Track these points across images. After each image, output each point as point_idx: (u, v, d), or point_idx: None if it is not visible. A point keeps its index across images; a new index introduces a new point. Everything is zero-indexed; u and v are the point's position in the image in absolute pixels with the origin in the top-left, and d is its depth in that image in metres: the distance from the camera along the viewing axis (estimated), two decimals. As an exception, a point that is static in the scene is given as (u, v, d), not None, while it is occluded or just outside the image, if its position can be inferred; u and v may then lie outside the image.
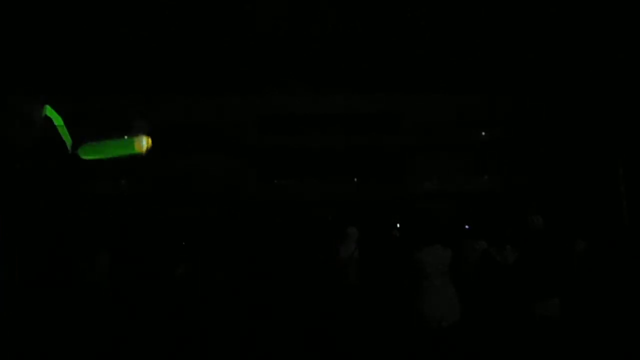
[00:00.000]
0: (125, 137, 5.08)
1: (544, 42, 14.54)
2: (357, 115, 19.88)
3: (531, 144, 19.02)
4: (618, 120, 16.29)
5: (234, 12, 13.12)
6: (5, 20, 12.39)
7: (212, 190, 18.97)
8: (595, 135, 17.05)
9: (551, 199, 16.88)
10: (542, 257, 4.03)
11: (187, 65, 15.92)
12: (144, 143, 5.02)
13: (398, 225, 12.91)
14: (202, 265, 6.64)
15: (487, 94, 18.45)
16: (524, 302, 3.92)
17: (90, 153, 5.02)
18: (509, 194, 18.62)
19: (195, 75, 16.71)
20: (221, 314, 5.98)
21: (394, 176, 20.03)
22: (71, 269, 6.03)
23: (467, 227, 12.06)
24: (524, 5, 12.93)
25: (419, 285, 3.89)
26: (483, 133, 20.29)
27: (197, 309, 6.04)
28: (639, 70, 14.92)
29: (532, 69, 16.31)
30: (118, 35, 13.80)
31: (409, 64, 16.18)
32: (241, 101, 19.13)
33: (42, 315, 5.46)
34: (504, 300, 4.11)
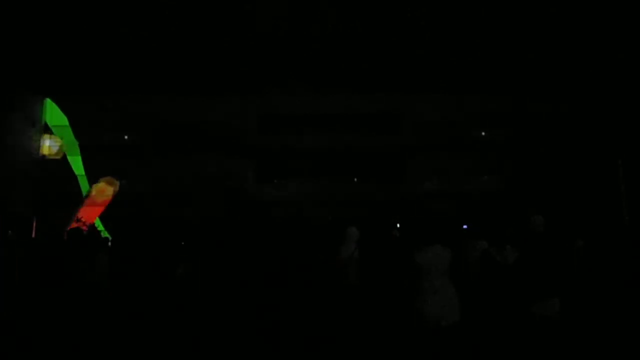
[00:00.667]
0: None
1: (544, 42, 14.51)
2: (357, 115, 19.87)
3: (531, 143, 19.02)
4: (618, 120, 16.29)
5: (234, 12, 13.09)
6: (5, 20, 12.40)
7: (212, 190, 18.97)
8: (595, 135, 17.04)
9: (551, 199, 16.88)
10: (542, 257, 4.03)
11: (187, 65, 15.88)
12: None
13: (398, 225, 12.93)
14: (202, 265, 6.65)
15: (487, 94, 18.43)
16: (524, 302, 3.92)
17: None
18: (509, 194, 18.62)
19: (196, 75, 16.67)
20: (221, 314, 5.99)
21: (394, 176, 20.03)
22: (71, 269, 6.03)
23: (465, 227, 12.09)
24: (524, 5, 12.90)
25: (419, 285, 3.89)
26: (483, 133, 20.29)
27: (197, 309, 6.05)
28: (639, 70, 14.91)
29: (532, 69, 16.27)
30: (118, 35, 13.79)
31: (409, 64, 16.12)
32: (241, 101, 19.13)
33: (42, 315, 5.46)
34: (504, 300, 4.12)
